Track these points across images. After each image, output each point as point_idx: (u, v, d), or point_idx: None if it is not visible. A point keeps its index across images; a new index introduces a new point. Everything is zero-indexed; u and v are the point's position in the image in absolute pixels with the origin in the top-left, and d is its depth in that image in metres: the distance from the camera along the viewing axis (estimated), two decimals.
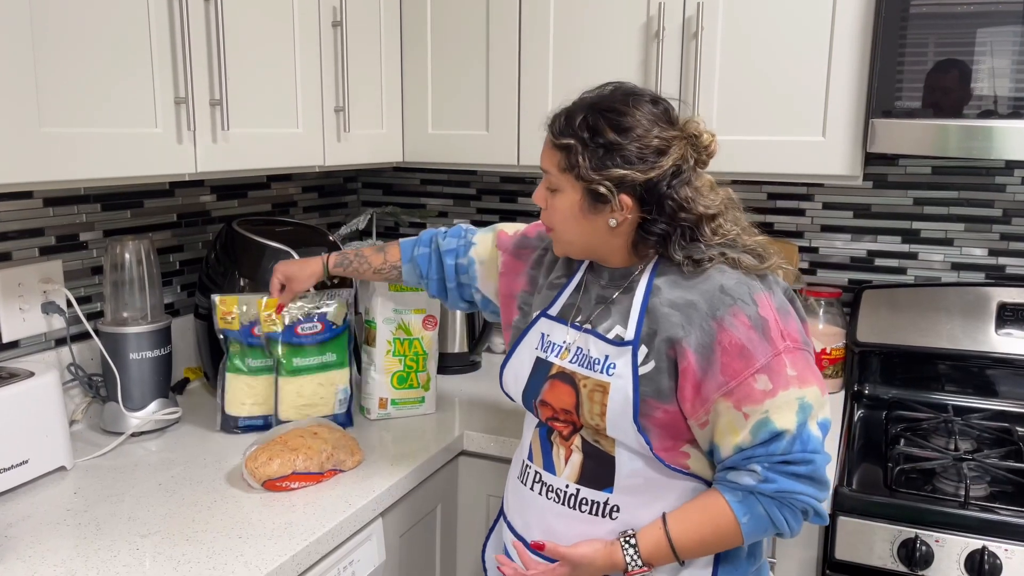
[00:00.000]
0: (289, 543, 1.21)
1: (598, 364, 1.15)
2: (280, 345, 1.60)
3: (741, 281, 1.10)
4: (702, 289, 1.10)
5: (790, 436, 1.06)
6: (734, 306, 1.08)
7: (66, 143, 1.21)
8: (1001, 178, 1.90)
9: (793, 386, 1.07)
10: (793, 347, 1.09)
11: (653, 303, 1.13)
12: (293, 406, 1.61)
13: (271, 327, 1.57)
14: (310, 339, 1.61)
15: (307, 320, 1.61)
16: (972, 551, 1.35)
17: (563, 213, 1.15)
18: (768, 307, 1.09)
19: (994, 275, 1.93)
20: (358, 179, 2.52)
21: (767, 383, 1.06)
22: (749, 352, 1.06)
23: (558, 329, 1.22)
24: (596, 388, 1.14)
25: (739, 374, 1.06)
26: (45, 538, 1.22)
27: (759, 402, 1.06)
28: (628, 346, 1.13)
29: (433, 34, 1.96)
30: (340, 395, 1.65)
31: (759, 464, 1.07)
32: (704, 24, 1.68)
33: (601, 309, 1.19)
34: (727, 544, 1.12)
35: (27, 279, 1.56)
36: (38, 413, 1.39)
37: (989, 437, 1.69)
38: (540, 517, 1.22)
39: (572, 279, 1.27)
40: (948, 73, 1.52)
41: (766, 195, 2.08)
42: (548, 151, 1.15)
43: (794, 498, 1.08)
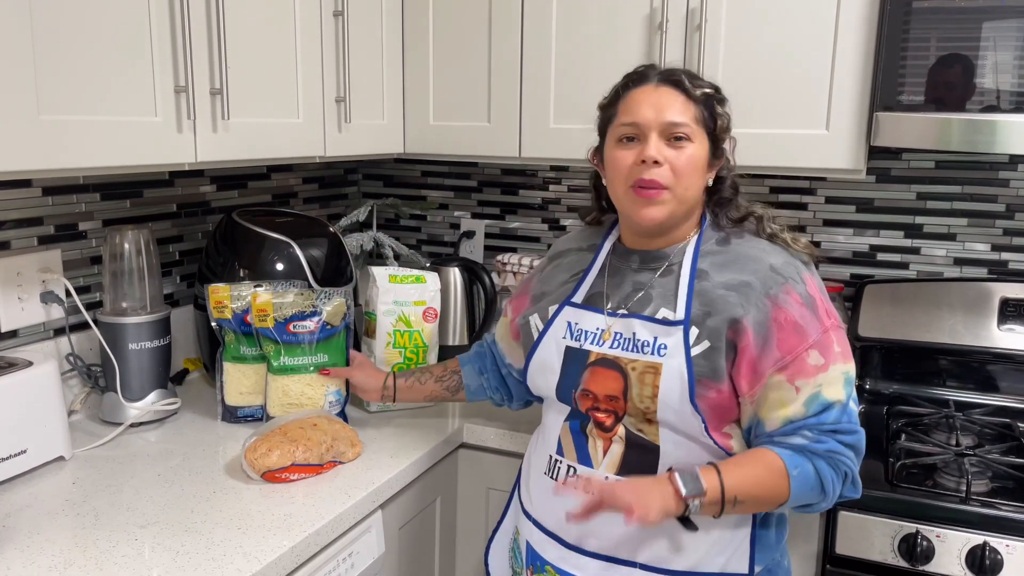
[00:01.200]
0: (288, 534, 1.21)
1: (647, 346, 1.15)
2: (270, 342, 1.57)
3: (788, 261, 1.17)
4: (753, 269, 1.15)
5: (839, 407, 1.12)
6: (786, 284, 1.13)
7: (64, 131, 1.20)
8: (1005, 173, 1.89)
9: (840, 361, 1.13)
10: (836, 325, 1.15)
11: (703, 286, 1.15)
12: (279, 404, 1.58)
13: (262, 324, 1.55)
14: (302, 338, 1.57)
15: (300, 317, 1.57)
16: (973, 546, 1.35)
17: (694, 164, 1.16)
18: (814, 286, 1.16)
19: (997, 270, 1.93)
20: (359, 170, 2.52)
21: (819, 358, 1.11)
22: (802, 328, 1.12)
23: (588, 317, 1.22)
24: (647, 370, 1.14)
25: (794, 349, 1.11)
26: (43, 528, 1.21)
27: (811, 376, 1.11)
28: (679, 326, 1.14)
29: (435, 24, 1.95)
30: (331, 397, 1.59)
31: (812, 431, 1.11)
32: (708, 16, 1.67)
33: (641, 294, 1.20)
34: (774, 497, 1.10)
35: (26, 268, 1.55)
36: (37, 403, 1.38)
37: (991, 433, 1.69)
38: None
39: (591, 268, 1.27)
40: (952, 67, 1.52)
41: (768, 188, 2.08)
42: (679, 103, 1.15)
43: (840, 460, 1.11)
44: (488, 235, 2.39)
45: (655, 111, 1.14)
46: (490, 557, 1.42)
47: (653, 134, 1.14)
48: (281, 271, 1.71)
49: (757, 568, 1.19)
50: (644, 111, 1.15)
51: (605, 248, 1.27)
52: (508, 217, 2.37)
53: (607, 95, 1.24)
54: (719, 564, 1.17)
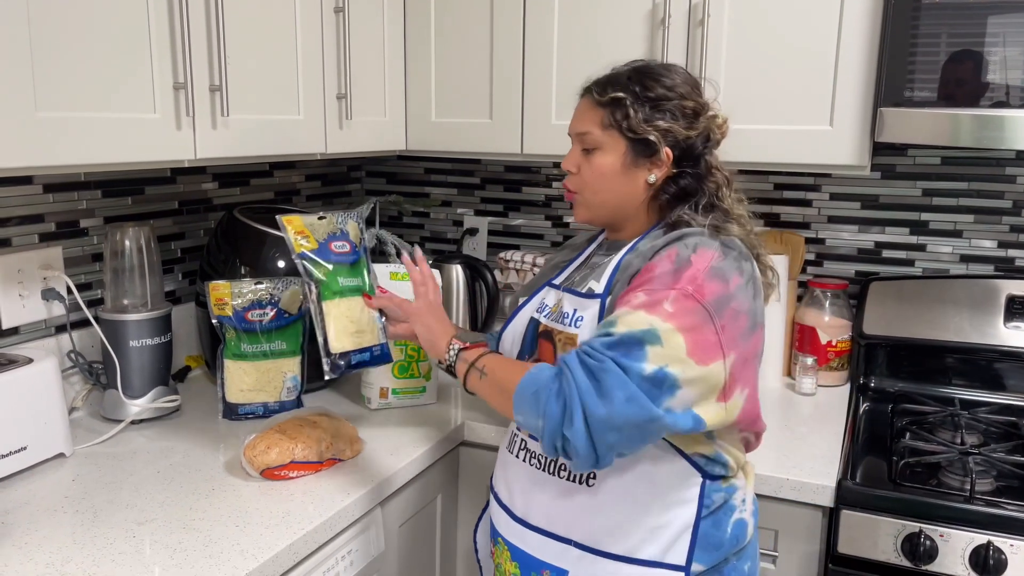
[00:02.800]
0: (287, 532, 1.21)
1: (567, 318, 1.20)
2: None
3: (700, 236, 1.14)
4: (668, 237, 1.15)
5: (613, 338, 1.04)
6: (674, 246, 1.13)
7: (62, 127, 1.20)
8: (1012, 169, 1.87)
9: (658, 316, 1.04)
10: (692, 294, 1.06)
11: (627, 258, 1.18)
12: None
13: (301, 248, 1.35)
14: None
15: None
16: (977, 546, 1.33)
17: (602, 171, 1.20)
18: (703, 259, 1.09)
19: (1003, 267, 1.91)
20: (362, 168, 2.51)
21: (641, 299, 1.07)
22: (653, 276, 1.09)
23: (552, 294, 1.28)
24: (568, 341, 1.17)
25: (632, 287, 1.10)
26: (42, 525, 1.21)
27: (622, 307, 1.08)
28: (597, 298, 1.17)
29: (437, 21, 1.94)
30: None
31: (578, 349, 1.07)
32: (710, 11, 1.66)
33: (585, 272, 1.25)
34: (503, 392, 1.12)
35: (27, 265, 1.56)
36: (37, 400, 1.38)
37: (996, 431, 1.67)
38: (521, 483, 1.24)
39: (579, 256, 1.33)
40: (959, 63, 1.50)
41: (773, 185, 2.06)
42: (588, 112, 1.21)
43: (568, 379, 1.03)
44: (491, 232, 2.38)
45: (572, 122, 1.24)
46: (478, 534, 1.45)
47: (574, 144, 1.24)
48: (282, 268, 1.71)
49: (698, 566, 1.16)
50: (570, 123, 1.25)
51: (597, 240, 1.33)
52: (511, 214, 2.36)
53: None
54: (653, 552, 1.15)
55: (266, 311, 1.62)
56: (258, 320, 1.61)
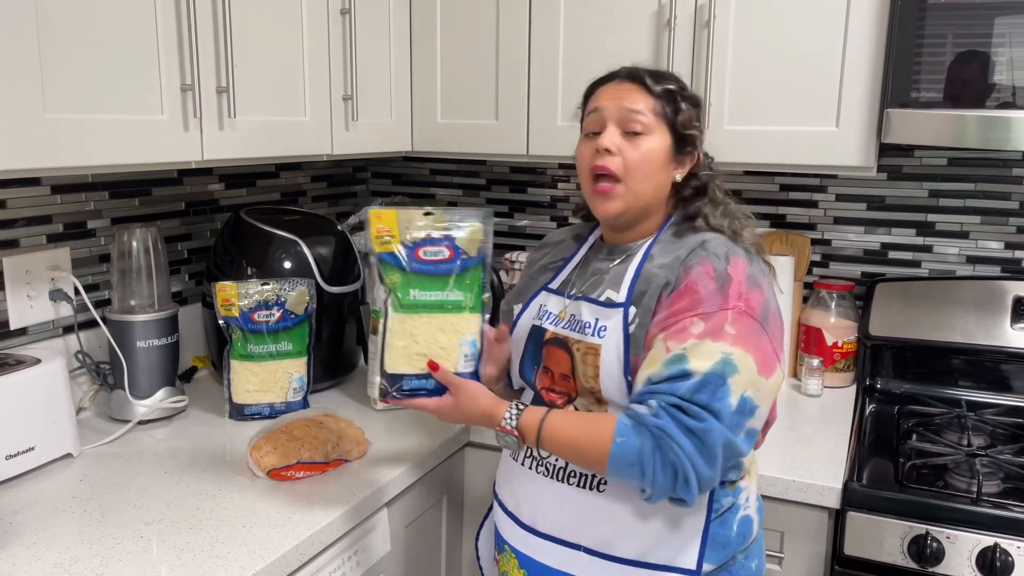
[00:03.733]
0: (293, 532, 1.21)
1: (589, 327, 1.17)
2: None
3: (723, 242, 1.15)
4: (687, 246, 1.15)
5: (697, 380, 1.03)
6: (706, 257, 1.12)
7: (70, 129, 1.20)
8: (1019, 170, 1.87)
9: (725, 342, 1.05)
10: (744, 310, 1.08)
11: (647, 268, 1.17)
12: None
13: (379, 247, 1.17)
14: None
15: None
16: (984, 548, 1.33)
17: (651, 157, 1.16)
18: (738, 269, 1.11)
19: (1010, 269, 1.90)
20: (367, 169, 2.52)
21: (701, 327, 1.06)
22: (699, 297, 1.09)
23: (554, 300, 1.25)
24: (589, 351, 1.16)
25: (681, 313, 1.08)
26: (50, 525, 1.22)
27: (684, 341, 1.06)
28: (619, 308, 1.15)
29: (443, 22, 1.94)
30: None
31: (655, 399, 1.05)
32: (716, 13, 1.66)
33: (595, 279, 1.23)
34: (592, 458, 1.07)
35: (35, 266, 1.56)
36: (45, 400, 1.39)
37: (1003, 433, 1.67)
38: (530, 491, 1.23)
39: (573, 257, 1.30)
40: (966, 63, 1.50)
41: (778, 186, 2.06)
42: (638, 95, 1.16)
43: (671, 446, 1.02)
44: (497, 233, 2.37)
45: (615, 100, 1.17)
46: (480, 541, 1.44)
47: (611, 124, 1.16)
48: (289, 269, 1.71)
49: (708, 566, 1.16)
50: (603, 100, 1.18)
51: (588, 241, 1.30)
52: (517, 215, 2.36)
53: (585, 90, 1.26)
54: (664, 556, 1.15)
55: (272, 312, 1.62)
56: (264, 321, 1.62)
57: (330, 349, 1.82)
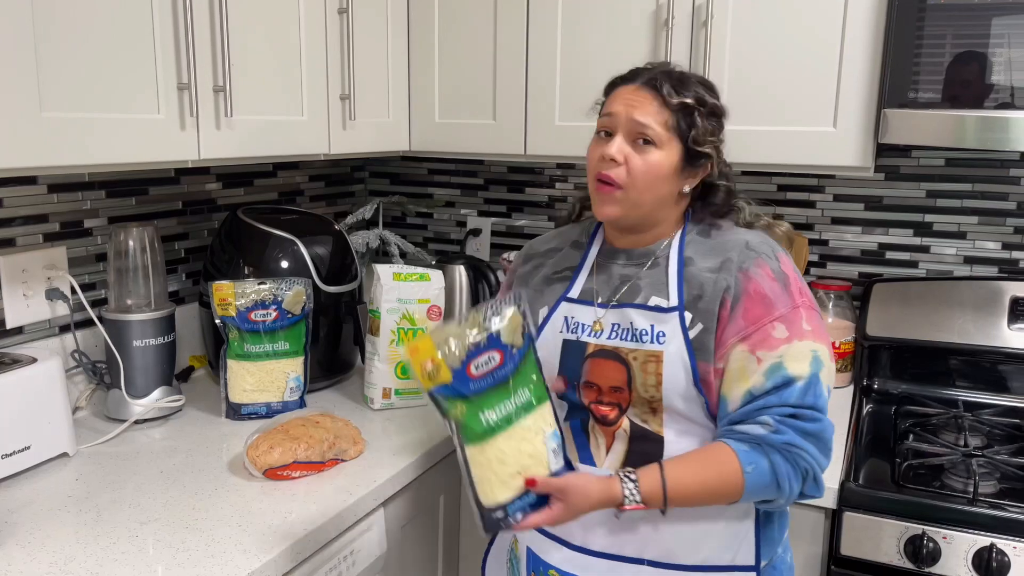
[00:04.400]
0: (290, 531, 1.21)
1: (646, 335, 1.15)
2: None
3: (764, 240, 1.18)
4: (730, 247, 1.16)
5: (803, 384, 1.08)
6: (759, 258, 1.14)
7: (67, 128, 1.20)
8: (1016, 171, 1.87)
9: (808, 339, 1.10)
10: (809, 304, 1.14)
11: (691, 272, 1.16)
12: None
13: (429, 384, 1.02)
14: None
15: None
16: (980, 548, 1.33)
17: (657, 170, 1.14)
18: (788, 265, 1.16)
19: (1007, 269, 1.90)
20: (365, 168, 2.51)
21: (784, 331, 1.10)
22: (770, 300, 1.11)
23: (581, 310, 1.22)
24: (649, 359, 1.13)
25: (759, 320, 1.10)
26: (45, 524, 1.22)
27: (774, 348, 1.09)
28: (673, 312, 1.14)
29: (440, 22, 1.94)
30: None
31: (770, 415, 1.07)
32: (714, 13, 1.66)
33: (629, 286, 1.20)
34: (726, 495, 1.08)
35: (31, 265, 1.56)
36: (41, 399, 1.39)
37: (1000, 433, 1.67)
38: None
39: (583, 264, 1.26)
40: (964, 64, 1.50)
41: (776, 186, 2.06)
42: (651, 106, 1.13)
43: (800, 454, 1.06)
44: (494, 233, 2.38)
45: (626, 108, 1.14)
46: (487, 569, 1.40)
47: (620, 132, 1.15)
48: (286, 269, 1.71)
49: (763, 561, 1.18)
50: (616, 106, 1.16)
51: (594, 247, 1.27)
52: (514, 215, 2.36)
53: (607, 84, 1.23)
54: (727, 558, 1.16)
55: (269, 311, 1.62)
56: (261, 320, 1.62)
57: (327, 349, 1.82)
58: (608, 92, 1.21)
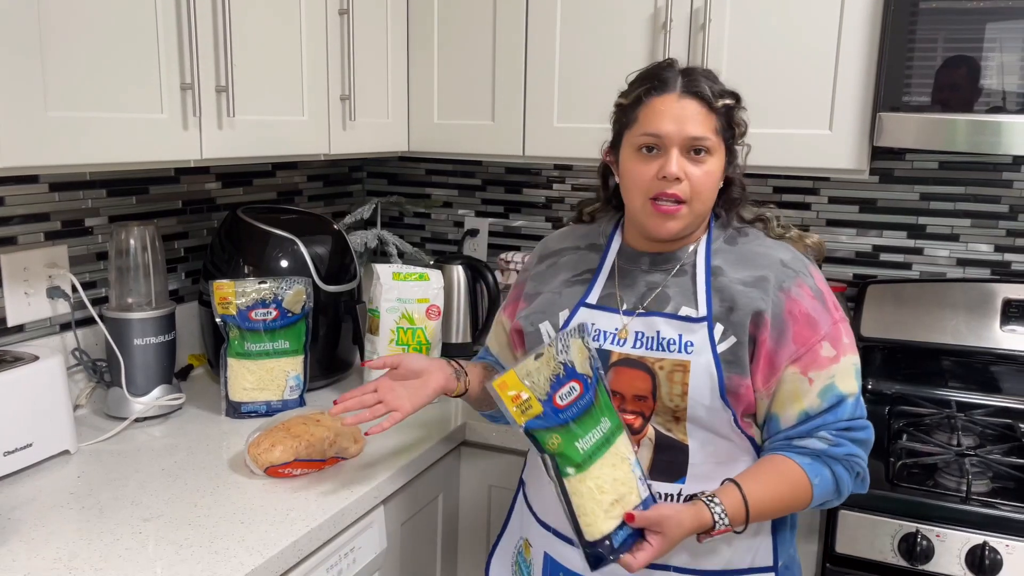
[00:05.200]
0: (291, 529, 1.22)
1: (674, 344, 1.15)
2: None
3: (796, 256, 1.19)
4: (765, 264, 1.17)
5: (853, 400, 1.14)
6: (797, 277, 1.16)
7: (72, 127, 1.21)
8: (1008, 174, 1.89)
9: (849, 353, 1.15)
10: (843, 317, 1.18)
11: (721, 282, 1.16)
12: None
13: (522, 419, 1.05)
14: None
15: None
16: (973, 546, 1.35)
17: (712, 179, 1.15)
18: (821, 279, 1.19)
19: (1000, 271, 1.93)
20: (363, 168, 2.52)
21: (831, 350, 1.13)
22: (815, 320, 1.14)
23: (604, 317, 1.19)
24: (676, 368, 1.13)
25: (808, 341, 1.13)
26: (48, 521, 1.22)
27: (824, 367, 1.13)
28: (702, 323, 1.14)
29: (440, 23, 1.95)
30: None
31: (828, 431, 1.12)
32: (712, 16, 1.68)
33: (656, 293, 1.19)
34: (796, 507, 1.13)
35: (32, 264, 1.57)
36: (42, 397, 1.39)
37: (992, 433, 1.69)
38: None
39: (601, 268, 1.24)
40: (957, 68, 1.52)
41: (772, 188, 2.08)
42: (700, 115, 1.12)
43: (856, 462, 1.14)
44: (492, 233, 2.40)
45: (677, 125, 1.11)
46: (491, 570, 1.40)
47: (675, 149, 1.11)
48: (286, 268, 1.72)
49: (780, 562, 1.21)
50: (666, 125, 1.11)
51: (612, 249, 1.25)
52: (512, 215, 2.37)
53: (628, 95, 1.18)
54: (748, 561, 1.18)
55: (269, 310, 1.63)
56: (261, 319, 1.62)
57: (326, 348, 1.83)
58: (637, 104, 1.15)
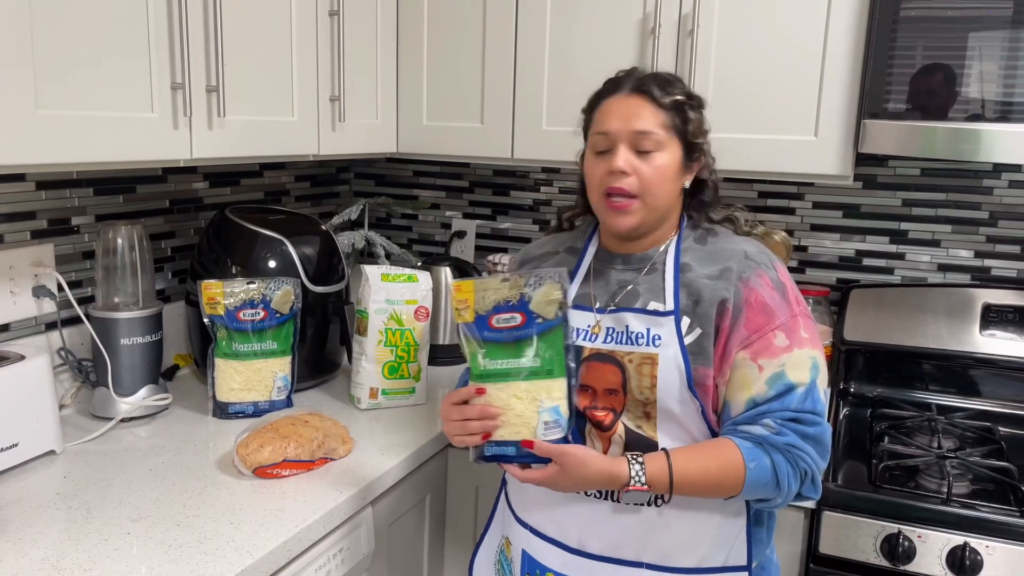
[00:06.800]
0: (280, 529, 1.22)
1: (642, 338, 1.17)
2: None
3: (762, 250, 1.21)
4: (729, 256, 1.19)
5: (803, 390, 1.12)
6: (758, 268, 1.17)
7: (62, 126, 1.20)
8: (988, 181, 1.92)
9: (808, 347, 1.15)
10: (805, 312, 1.18)
11: (688, 278, 1.18)
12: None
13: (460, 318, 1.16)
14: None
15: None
16: (954, 547, 1.37)
17: (662, 173, 1.17)
18: (784, 274, 1.20)
19: (980, 277, 1.96)
20: (351, 169, 2.52)
21: (784, 340, 1.14)
22: (771, 309, 1.15)
23: (578, 315, 1.23)
24: (644, 361, 1.16)
25: (760, 328, 1.14)
26: (35, 521, 1.22)
27: (776, 356, 1.13)
28: (669, 316, 1.16)
29: (430, 26, 1.96)
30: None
31: (772, 419, 1.11)
32: (700, 22, 1.69)
33: (628, 290, 1.22)
34: (726, 488, 1.11)
35: (18, 262, 1.55)
36: (28, 396, 1.38)
37: (972, 436, 1.72)
38: (576, 514, 1.20)
39: (579, 270, 1.27)
40: (938, 76, 1.54)
41: (757, 193, 2.10)
42: (646, 111, 1.16)
43: (800, 455, 1.11)
44: (479, 235, 2.40)
45: (623, 121, 1.16)
46: (475, 569, 1.42)
47: (622, 145, 1.16)
48: (274, 268, 1.72)
49: (753, 562, 1.21)
50: (613, 122, 1.17)
51: (589, 252, 1.28)
52: (499, 218, 2.38)
53: (589, 99, 1.25)
54: (721, 559, 1.19)
55: (257, 311, 1.63)
56: (249, 320, 1.62)
57: (314, 348, 1.83)
58: (592, 108, 1.22)
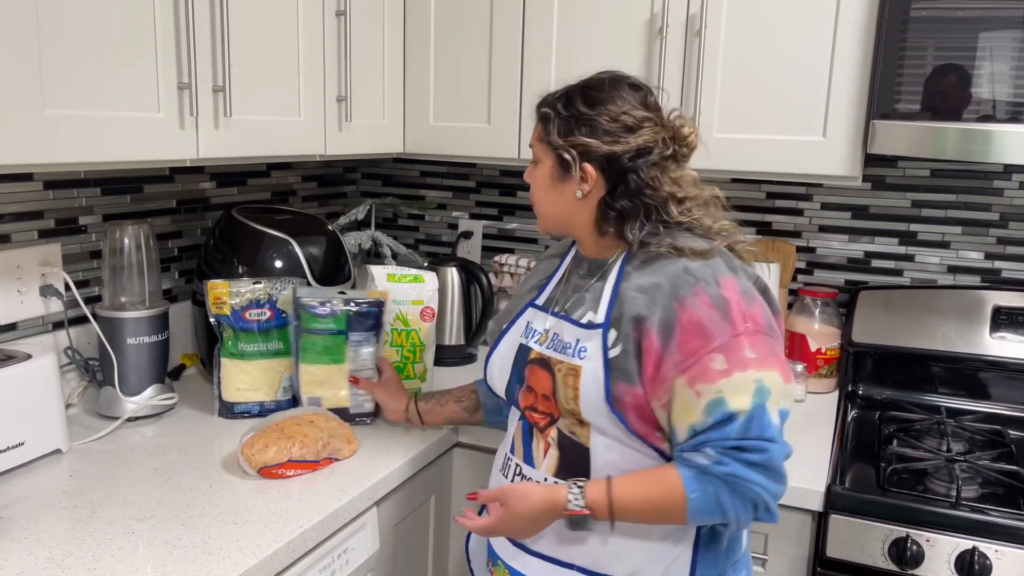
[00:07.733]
0: (284, 529, 1.22)
1: (570, 348, 1.18)
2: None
3: (706, 264, 1.13)
4: (667, 271, 1.13)
5: (743, 418, 1.05)
6: (696, 286, 1.10)
7: (69, 125, 1.21)
8: (999, 182, 1.91)
9: (752, 368, 1.06)
10: (754, 329, 1.09)
11: (622, 287, 1.16)
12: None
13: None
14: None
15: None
16: (963, 551, 1.36)
17: (539, 182, 1.23)
18: (732, 289, 1.11)
19: (989, 278, 1.94)
20: (358, 169, 2.52)
21: (723, 363, 1.06)
22: (708, 331, 1.07)
23: (540, 317, 1.26)
24: (569, 372, 1.16)
25: (695, 352, 1.07)
26: (40, 520, 1.22)
27: (713, 381, 1.06)
28: (598, 329, 1.15)
29: (436, 26, 1.96)
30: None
31: (711, 448, 1.06)
32: (708, 22, 1.69)
33: (576, 297, 1.23)
34: (669, 517, 1.09)
35: (26, 262, 1.56)
36: (35, 395, 1.39)
37: (981, 439, 1.70)
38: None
39: (557, 272, 1.31)
40: (949, 76, 1.53)
41: (765, 194, 2.09)
42: (536, 129, 1.24)
43: (745, 486, 1.05)
44: (486, 236, 2.40)
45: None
46: (470, 549, 1.44)
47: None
48: (280, 268, 1.72)
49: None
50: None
51: (569, 256, 1.31)
52: (506, 218, 2.38)
53: None
54: (659, 571, 1.16)
55: (264, 311, 1.63)
56: (256, 320, 1.62)
57: None
58: None
